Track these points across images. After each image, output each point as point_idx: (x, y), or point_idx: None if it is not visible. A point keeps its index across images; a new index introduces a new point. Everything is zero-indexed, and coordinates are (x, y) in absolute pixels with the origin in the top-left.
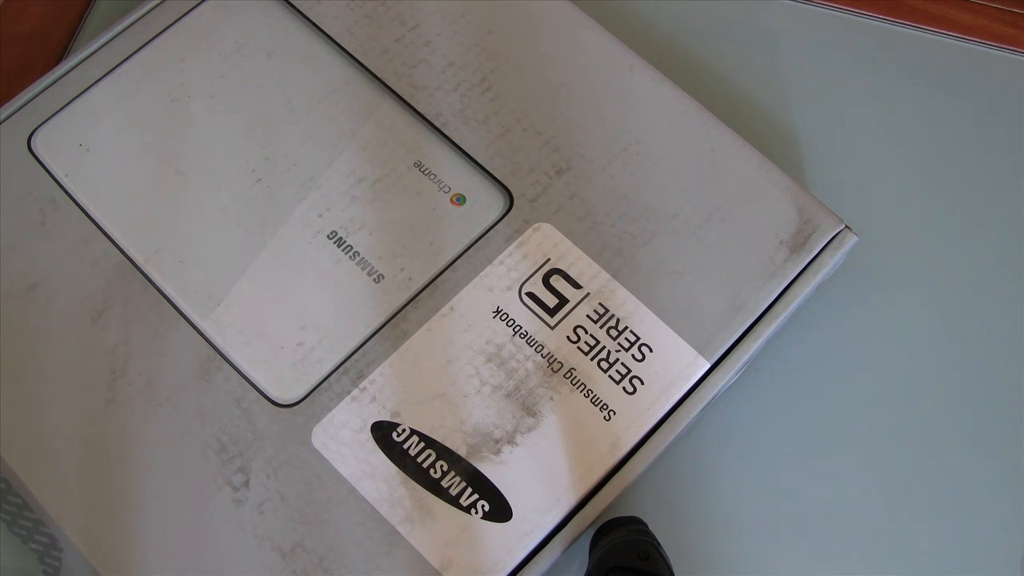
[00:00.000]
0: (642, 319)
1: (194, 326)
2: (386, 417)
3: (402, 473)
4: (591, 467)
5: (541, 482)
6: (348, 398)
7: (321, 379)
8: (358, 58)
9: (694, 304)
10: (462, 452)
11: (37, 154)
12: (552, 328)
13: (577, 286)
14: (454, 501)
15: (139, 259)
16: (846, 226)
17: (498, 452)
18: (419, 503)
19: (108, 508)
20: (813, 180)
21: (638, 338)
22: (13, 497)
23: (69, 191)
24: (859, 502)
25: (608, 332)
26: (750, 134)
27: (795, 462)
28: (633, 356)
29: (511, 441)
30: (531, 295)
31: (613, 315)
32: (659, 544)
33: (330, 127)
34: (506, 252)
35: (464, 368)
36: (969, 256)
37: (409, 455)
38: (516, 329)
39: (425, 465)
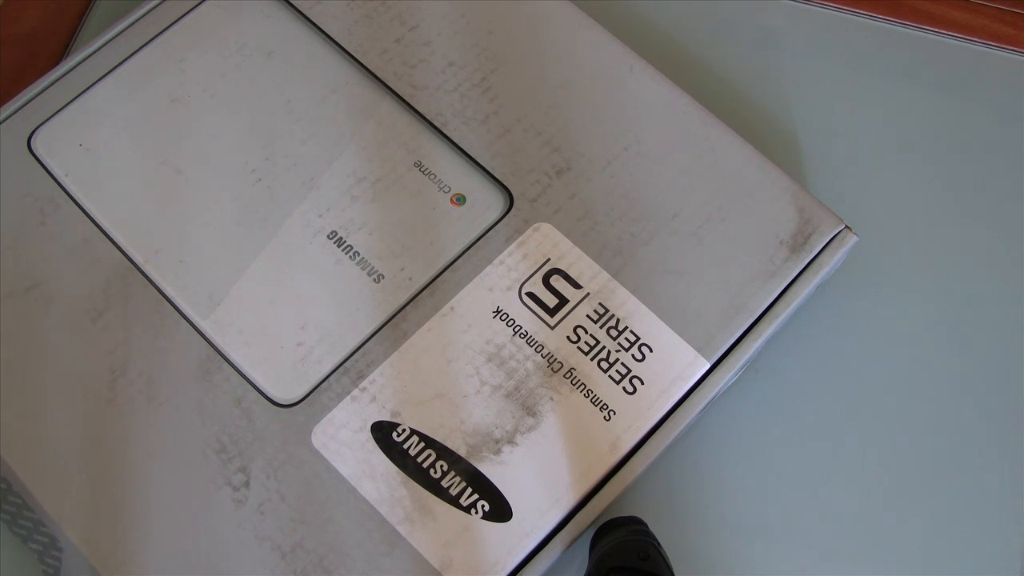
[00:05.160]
0: (642, 319)
1: (194, 326)
2: (386, 417)
3: (402, 473)
4: (591, 467)
5: (541, 482)
6: (348, 398)
7: (321, 379)
8: (358, 58)
9: (694, 304)
10: (462, 452)
11: (37, 154)
12: (552, 328)
13: (577, 286)
14: (454, 501)
15: (139, 259)
16: (846, 226)
17: (498, 452)
18: (419, 503)
19: (108, 508)
20: (813, 180)
21: (638, 338)
22: (13, 497)
23: (69, 191)
24: (859, 502)
25: (608, 332)
26: (750, 134)
27: (795, 462)
28: (633, 356)
29: (511, 441)
30: (531, 295)
31: (613, 315)
32: (659, 544)
33: (330, 127)
34: (506, 252)
35: (464, 368)
36: (969, 256)
37: (409, 455)
38: (516, 329)
39: (425, 465)
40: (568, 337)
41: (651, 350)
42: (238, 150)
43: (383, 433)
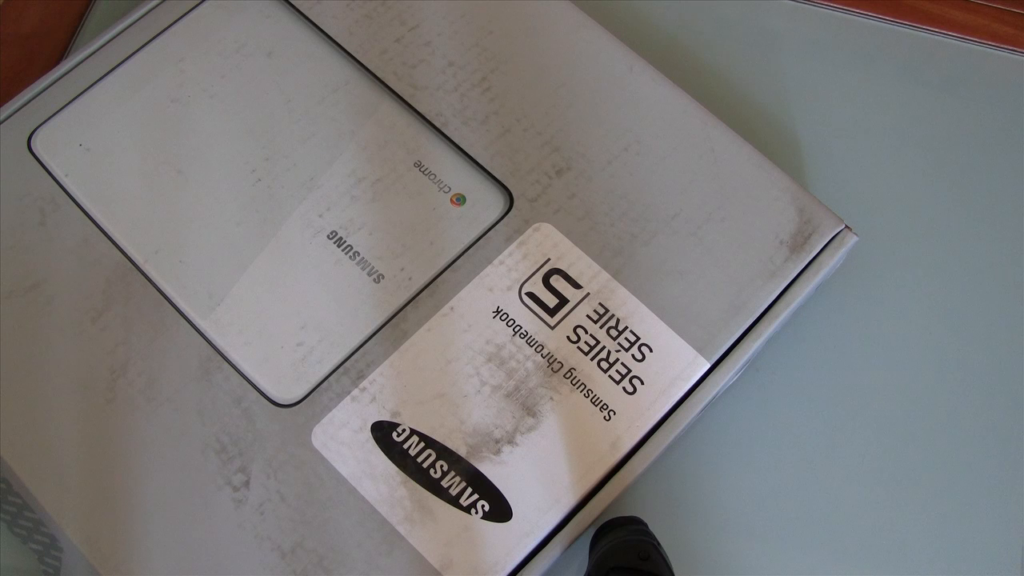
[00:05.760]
0: (642, 319)
1: (194, 326)
2: (386, 417)
3: (402, 473)
4: (591, 467)
5: (541, 482)
6: (348, 398)
7: (321, 379)
8: (358, 58)
9: (694, 304)
10: (462, 452)
11: (37, 154)
12: (552, 328)
13: (577, 286)
14: (454, 501)
15: (139, 259)
16: (846, 226)
17: (498, 452)
18: (419, 503)
19: (108, 508)
20: (813, 180)
21: (638, 338)
22: (13, 497)
23: (69, 191)
24: (859, 502)
25: (608, 332)
26: (750, 134)
27: (795, 462)
28: (633, 356)
29: (511, 441)
30: (531, 295)
31: (613, 315)
32: (659, 544)
33: (330, 127)
34: (506, 252)
35: (464, 368)
36: (969, 255)
37: (409, 455)
38: (516, 329)
39: (425, 465)
40: (568, 337)
41: (651, 350)
42: (238, 150)
43: (383, 433)
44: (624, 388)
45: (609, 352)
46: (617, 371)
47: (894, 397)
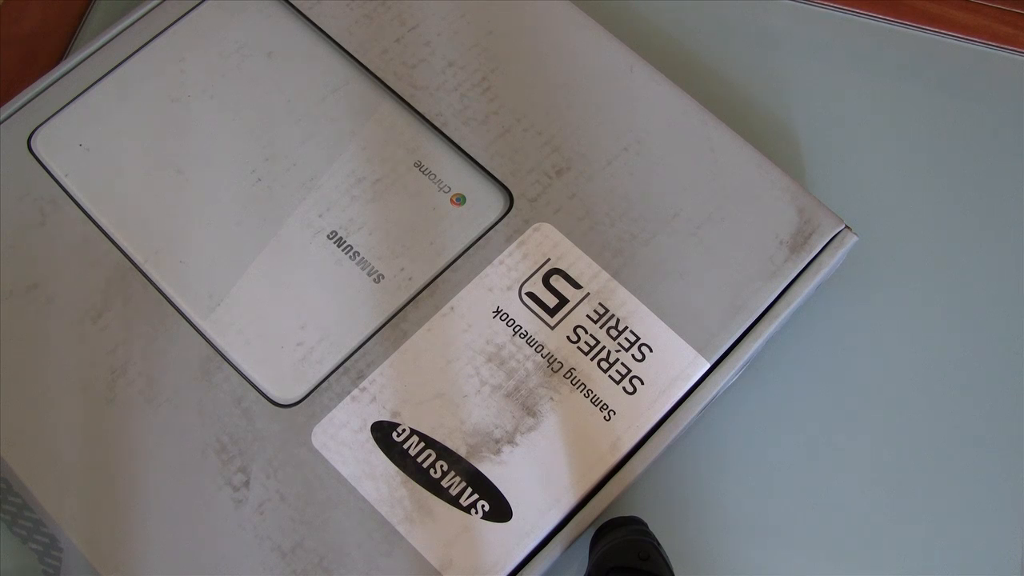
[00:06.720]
0: (642, 319)
1: (194, 326)
2: (386, 417)
3: (402, 473)
4: (591, 467)
5: (541, 482)
6: (348, 398)
7: (321, 379)
8: (358, 58)
9: (694, 304)
10: (462, 452)
11: (37, 154)
12: (552, 328)
13: (577, 286)
14: (454, 501)
15: (139, 259)
16: (846, 226)
17: (498, 452)
18: (419, 503)
19: (108, 508)
20: (813, 180)
21: (638, 338)
22: (13, 497)
23: (69, 191)
24: (859, 502)
25: (608, 332)
26: (750, 134)
27: (795, 462)
28: (633, 356)
29: (511, 441)
30: (531, 295)
31: (613, 315)
32: (659, 544)
33: (330, 127)
34: (506, 252)
35: (464, 368)
36: (969, 255)
37: (409, 455)
38: (516, 329)
39: (425, 465)
40: (568, 337)
41: (651, 350)
42: (238, 150)
43: (383, 433)
44: (624, 388)
45: (609, 352)
46: (617, 371)
47: (894, 397)
